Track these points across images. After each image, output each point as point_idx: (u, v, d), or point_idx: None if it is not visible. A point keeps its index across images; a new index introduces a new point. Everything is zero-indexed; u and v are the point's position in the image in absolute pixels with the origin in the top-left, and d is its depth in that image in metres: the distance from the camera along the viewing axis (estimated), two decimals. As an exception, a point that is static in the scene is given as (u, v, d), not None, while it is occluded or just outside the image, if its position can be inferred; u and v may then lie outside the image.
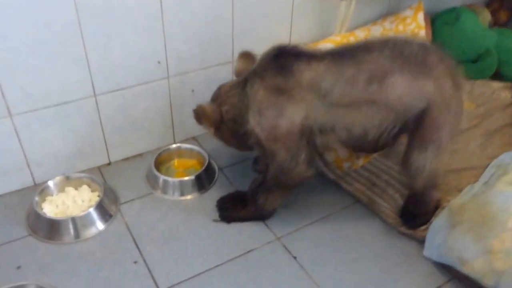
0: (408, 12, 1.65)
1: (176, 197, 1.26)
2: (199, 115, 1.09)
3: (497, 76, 1.74)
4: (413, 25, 1.63)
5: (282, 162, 1.02)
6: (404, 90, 0.95)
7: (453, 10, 1.76)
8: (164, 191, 1.26)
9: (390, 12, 1.69)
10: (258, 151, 1.09)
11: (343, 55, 0.98)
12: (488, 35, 1.74)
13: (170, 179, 1.26)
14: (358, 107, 0.96)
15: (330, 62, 0.97)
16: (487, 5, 1.94)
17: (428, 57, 0.97)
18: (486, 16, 1.87)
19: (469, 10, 1.76)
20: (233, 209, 1.18)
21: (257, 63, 1.05)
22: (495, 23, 1.92)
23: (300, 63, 0.97)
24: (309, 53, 1.00)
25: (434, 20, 1.77)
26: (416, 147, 1.01)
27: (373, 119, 0.97)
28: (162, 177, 1.26)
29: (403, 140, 1.07)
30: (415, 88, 0.95)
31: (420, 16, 1.63)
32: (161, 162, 1.35)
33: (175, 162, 1.39)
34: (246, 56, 1.13)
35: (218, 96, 1.10)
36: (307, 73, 0.97)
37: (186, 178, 1.27)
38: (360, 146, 1.08)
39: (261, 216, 1.18)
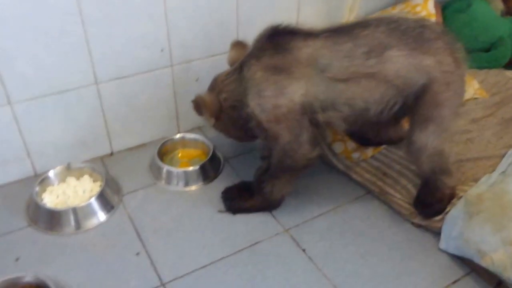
0: (418, 0, 1.61)
1: (180, 187, 1.22)
2: (199, 105, 1.07)
3: (511, 65, 1.68)
4: (424, 13, 1.58)
5: (286, 143, 1.00)
6: (402, 63, 0.94)
7: (464, -3, 1.71)
8: (168, 181, 1.23)
9: (399, 0, 1.64)
10: (259, 136, 1.06)
11: (339, 31, 0.98)
12: (501, 23, 1.69)
13: (174, 169, 1.23)
14: (357, 82, 0.96)
15: (327, 38, 0.97)
16: (499, -6, 1.88)
17: (425, 33, 0.96)
18: (498, 5, 1.82)
19: (481, -2, 1.71)
20: (239, 199, 1.15)
21: (252, 45, 1.03)
22: (507, 12, 1.87)
23: (296, 41, 0.97)
24: (304, 30, 1.00)
25: (445, 8, 1.73)
26: (417, 125, 1.00)
27: (373, 94, 0.97)
28: (165, 167, 1.23)
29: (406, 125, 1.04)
30: (413, 62, 0.95)
31: (430, 3, 1.59)
32: (165, 152, 1.32)
33: (179, 152, 1.35)
34: (239, 45, 1.12)
35: (215, 86, 1.08)
36: (304, 50, 0.96)
37: (191, 168, 1.23)
38: (363, 124, 1.06)
39: (268, 205, 1.14)
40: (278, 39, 0.98)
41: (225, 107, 1.06)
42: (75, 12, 1.08)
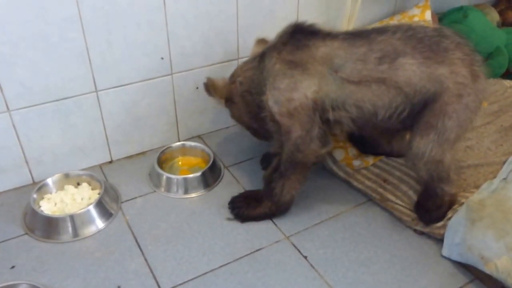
0: (415, 11, 1.63)
1: (180, 195, 1.21)
2: (208, 86, 1.16)
3: (508, 75, 1.70)
4: (421, 23, 1.60)
5: (297, 138, 1.01)
6: (413, 72, 0.95)
7: (460, 8, 1.74)
8: (168, 189, 1.21)
9: (397, 11, 1.67)
10: (271, 128, 1.06)
11: (357, 35, 1.00)
12: (497, 33, 1.71)
13: (174, 176, 1.22)
14: (368, 85, 0.97)
15: (344, 40, 1.00)
16: (494, 5, 1.92)
17: (443, 42, 0.96)
18: (494, 16, 1.85)
19: (476, 9, 1.74)
20: (247, 208, 1.13)
21: (275, 38, 1.07)
22: (503, 23, 1.90)
23: (315, 40, 1.00)
24: (325, 31, 1.03)
25: (441, 19, 1.75)
26: (419, 131, 1.00)
27: (382, 98, 0.97)
28: (165, 175, 1.22)
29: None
30: (425, 71, 0.95)
31: (428, 14, 1.61)
32: (164, 160, 1.31)
33: (179, 160, 1.34)
34: (262, 42, 1.18)
35: (235, 72, 1.15)
36: (321, 48, 0.99)
37: (191, 175, 1.22)
38: (372, 129, 1.06)
39: (277, 210, 1.12)
40: (300, 36, 1.01)
41: (241, 91, 1.12)
42: (75, 19, 1.09)
